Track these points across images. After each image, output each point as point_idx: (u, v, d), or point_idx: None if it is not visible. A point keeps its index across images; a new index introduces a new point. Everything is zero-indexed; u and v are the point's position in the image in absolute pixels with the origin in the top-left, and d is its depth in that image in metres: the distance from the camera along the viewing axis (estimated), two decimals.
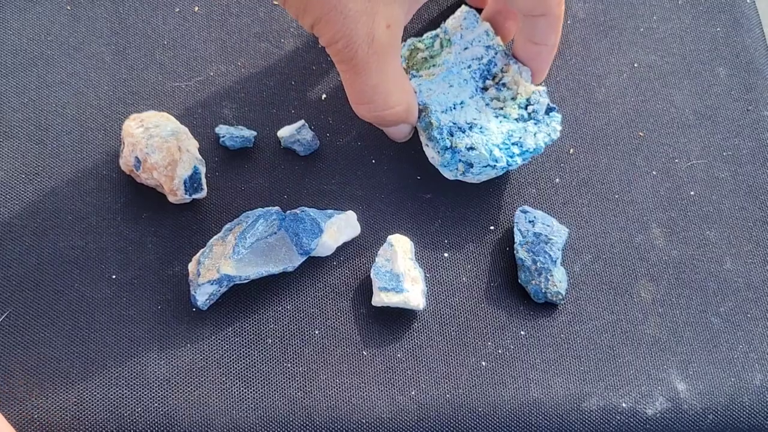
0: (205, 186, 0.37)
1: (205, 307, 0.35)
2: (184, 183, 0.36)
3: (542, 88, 0.39)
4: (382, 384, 0.36)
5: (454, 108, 0.38)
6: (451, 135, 0.37)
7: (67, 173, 0.38)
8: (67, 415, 0.34)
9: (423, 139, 0.39)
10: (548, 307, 0.38)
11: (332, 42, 0.32)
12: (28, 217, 0.37)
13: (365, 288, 0.37)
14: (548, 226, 0.38)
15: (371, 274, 0.36)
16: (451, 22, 0.40)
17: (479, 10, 0.41)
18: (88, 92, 0.40)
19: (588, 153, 0.42)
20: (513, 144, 0.37)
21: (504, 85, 0.39)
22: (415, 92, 0.38)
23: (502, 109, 0.39)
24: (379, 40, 0.32)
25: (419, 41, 0.40)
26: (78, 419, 0.34)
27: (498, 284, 0.39)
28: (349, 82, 0.34)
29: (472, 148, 0.36)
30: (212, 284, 0.35)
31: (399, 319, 0.37)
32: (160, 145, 0.35)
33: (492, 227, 0.40)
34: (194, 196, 0.37)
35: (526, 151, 0.37)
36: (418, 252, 0.38)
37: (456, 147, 0.37)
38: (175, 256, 0.37)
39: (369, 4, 0.31)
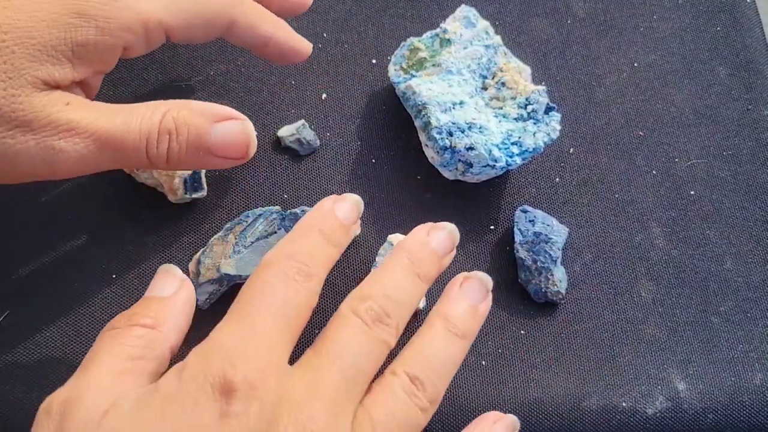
0: (205, 185, 0.37)
1: (206, 307, 0.35)
2: (184, 182, 0.36)
3: (542, 88, 0.39)
4: None
5: (454, 108, 0.38)
6: (451, 135, 0.37)
7: None
8: None
9: (422, 139, 0.39)
10: (548, 306, 0.38)
11: None
12: (28, 217, 0.37)
13: None
14: (548, 225, 0.38)
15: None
16: (450, 22, 0.40)
17: None
18: None
19: (588, 152, 0.42)
20: (512, 144, 0.37)
21: (503, 84, 0.39)
22: (415, 92, 0.38)
23: (501, 108, 0.39)
24: (71, 119, 0.28)
25: (418, 41, 0.40)
26: None
27: (498, 284, 0.38)
28: (114, 158, 0.29)
29: (471, 148, 0.36)
30: (212, 283, 0.35)
31: None
32: None
33: (492, 227, 0.40)
34: (194, 196, 0.37)
35: (526, 150, 0.37)
36: None
37: (455, 147, 0.37)
38: (175, 255, 0.37)
39: (16, 121, 0.27)
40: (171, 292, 0.30)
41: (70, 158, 0.28)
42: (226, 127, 0.31)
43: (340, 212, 0.32)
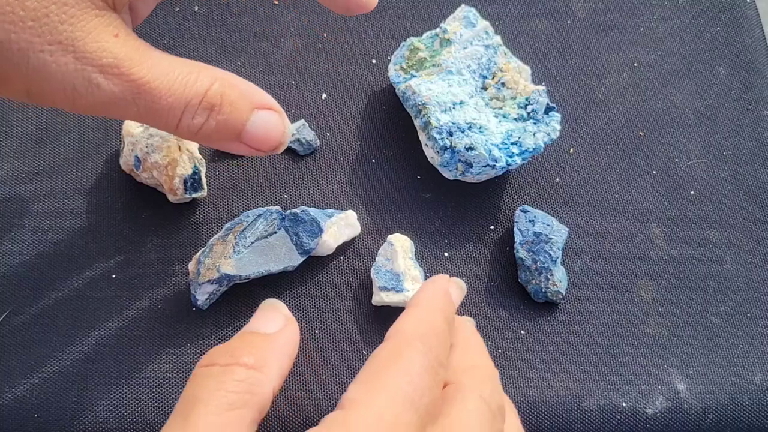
0: (205, 185, 0.37)
1: (205, 307, 0.35)
2: (184, 182, 0.36)
3: (542, 88, 0.39)
4: None
5: (454, 108, 0.38)
6: (451, 135, 0.37)
7: (67, 173, 0.38)
8: (67, 415, 0.34)
9: (422, 138, 0.39)
10: (548, 306, 0.38)
11: (56, 97, 0.25)
12: (28, 217, 0.37)
13: (365, 287, 0.37)
14: (548, 225, 0.38)
15: (371, 274, 0.36)
16: (450, 22, 0.40)
17: None
18: None
19: (588, 153, 0.42)
20: (512, 144, 0.37)
21: (503, 84, 0.39)
22: (415, 92, 0.38)
23: (501, 108, 0.39)
24: (116, 54, 0.25)
25: (419, 41, 0.40)
26: (78, 419, 0.34)
27: (498, 284, 0.38)
28: (145, 112, 0.26)
29: (471, 148, 0.36)
30: (212, 283, 0.35)
31: None
32: (160, 145, 0.36)
33: (492, 227, 0.40)
34: (194, 196, 0.37)
35: (526, 150, 0.37)
36: (418, 251, 0.38)
37: (455, 147, 0.37)
38: (175, 255, 0.37)
39: (63, 35, 0.24)
40: (275, 329, 0.27)
41: (101, 96, 0.25)
42: (264, 118, 0.29)
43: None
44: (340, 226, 0.37)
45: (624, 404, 0.36)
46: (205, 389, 0.25)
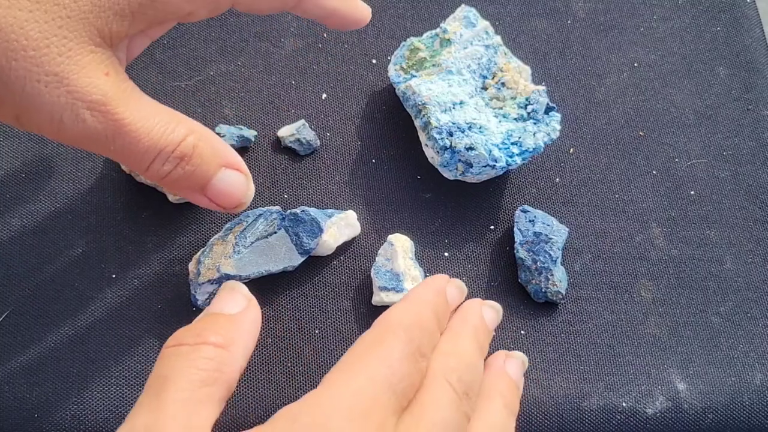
0: None
1: (205, 307, 0.35)
2: None
3: (542, 88, 0.39)
4: None
5: (454, 108, 0.38)
6: (451, 135, 0.37)
7: (67, 173, 0.38)
8: (67, 415, 0.34)
9: (422, 138, 0.39)
10: (548, 306, 0.38)
11: (46, 127, 0.26)
12: (28, 217, 0.37)
13: (365, 287, 0.37)
14: (548, 225, 0.38)
15: (371, 274, 0.36)
16: (450, 22, 0.40)
17: None
18: None
19: (588, 153, 0.42)
20: (512, 144, 0.37)
21: (503, 84, 0.39)
22: (415, 92, 0.38)
23: (501, 108, 0.39)
24: (105, 92, 0.26)
25: (419, 41, 0.40)
26: (78, 419, 0.34)
27: (498, 284, 0.38)
28: (120, 151, 0.27)
29: (471, 148, 0.36)
30: (212, 284, 0.35)
31: None
32: None
33: (492, 227, 0.40)
34: None
35: (526, 150, 0.37)
36: (418, 251, 0.38)
37: (455, 147, 0.37)
38: (175, 255, 0.37)
39: (60, 67, 0.25)
40: (238, 309, 0.28)
41: (85, 130, 0.26)
42: (230, 176, 0.30)
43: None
44: (340, 226, 0.37)
45: (624, 404, 0.36)
46: (175, 368, 0.25)
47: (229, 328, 0.27)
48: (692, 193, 0.42)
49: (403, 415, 0.26)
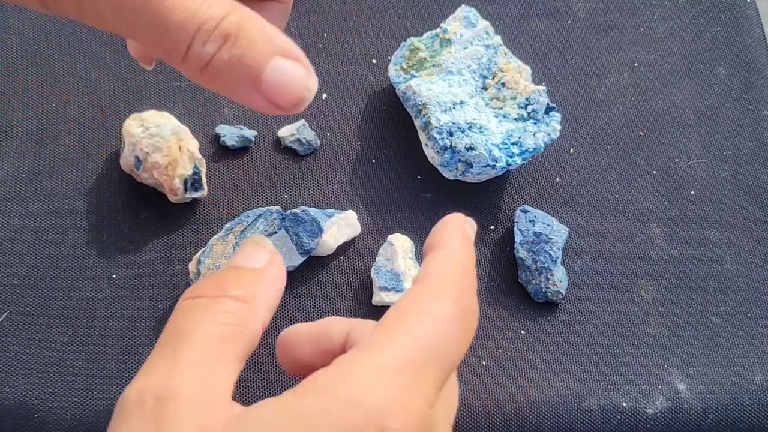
0: (205, 185, 0.37)
1: None
2: (185, 182, 0.36)
3: (542, 88, 0.39)
4: None
5: (454, 108, 0.38)
6: (451, 135, 0.37)
7: (67, 173, 0.38)
8: (67, 415, 0.34)
9: (423, 139, 0.39)
10: (548, 306, 0.38)
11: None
12: (28, 217, 0.37)
13: (365, 287, 0.37)
14: (548, 225, 0.38)
15: (371, 274, 0.36)
16: (450, 22, 0.40)
17: None
18: (89, 92, 0.40)
19: (588, 153, 0.42)
20: (512, 144, 0.37)
21: (504, 84, 0.39)
22: (415, 92, 0.38)
23: (501, 108, 0.39)
24: None
25: (419, 41, 0.40)
26: (78, 419, 0.34)
27: (498, 284, 0.38)
28: (152, 26, 0.23)
29: (471, 148, 0.36)
30: None
31: None
32: (160, 145, 0.35)
33: (492, 227, 0.40)
34: (194, 196, 0.37)
35: (526, 150, 0.37)
36: (418, 251, 0.38)
37: (455, 147, 0.37)
38: (175, 255, 0.37)
39: None
40: (262, 263, 0.26)
41: (108, 4, 0.22)
42: (287, 66, 0.25)
43: None
44: (340, 226, 0.37)
45: (624, 404, 0.36)
46: (194, 321, 0.23)
47: (252, 282, 0.25)
48: (692, 193, 0.42)
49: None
